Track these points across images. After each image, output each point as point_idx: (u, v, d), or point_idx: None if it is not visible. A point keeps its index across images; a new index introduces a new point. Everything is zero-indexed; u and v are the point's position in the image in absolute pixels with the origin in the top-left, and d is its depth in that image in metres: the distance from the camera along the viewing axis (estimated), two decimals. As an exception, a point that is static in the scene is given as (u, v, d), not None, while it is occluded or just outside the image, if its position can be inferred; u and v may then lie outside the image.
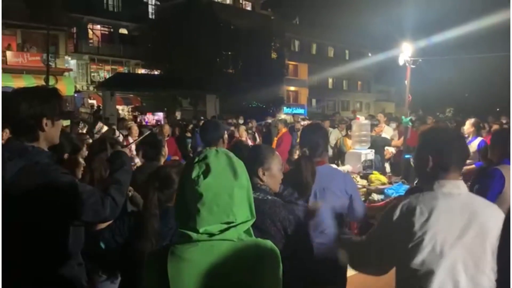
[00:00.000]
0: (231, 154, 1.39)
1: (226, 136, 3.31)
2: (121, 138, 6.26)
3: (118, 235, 2.20)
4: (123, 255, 2.22)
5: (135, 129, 7.71)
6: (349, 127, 8.50)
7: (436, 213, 1.64)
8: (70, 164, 2.54)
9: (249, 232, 1.36)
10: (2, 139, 4.79)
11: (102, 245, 2.24)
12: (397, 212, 1.71)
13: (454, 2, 32.58)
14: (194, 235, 1.29)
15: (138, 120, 21.39)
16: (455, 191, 1.70)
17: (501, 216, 1.59)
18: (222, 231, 1.29)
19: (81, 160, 2.65)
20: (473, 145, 6.29)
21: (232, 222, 1.30)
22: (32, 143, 1.83)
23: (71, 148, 2.58)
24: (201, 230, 1.28)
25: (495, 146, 3.38)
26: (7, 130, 4.06)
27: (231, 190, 1.31)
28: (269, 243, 1.38)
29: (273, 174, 2.31)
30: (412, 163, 2.18)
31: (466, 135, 6.56)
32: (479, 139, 6.34)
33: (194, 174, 1.30)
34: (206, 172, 1.29)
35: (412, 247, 1.63)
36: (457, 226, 1.63)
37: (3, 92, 1.91)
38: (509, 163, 3.20)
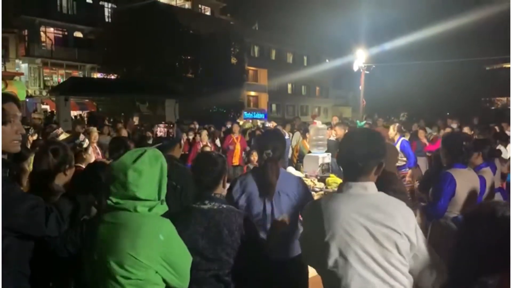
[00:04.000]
0: (150, 152, 1.90)
1: (182, 142, 3.44)
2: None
3: (70, 244, 2.14)
4: (76, 264, 2.17)
5: (94, 135, 7.41)
6: (306, 131, 8.74)
7: (338, 213, 1.76)
8: (16, 171, 2.45)
9: (152, 209, 1.84)
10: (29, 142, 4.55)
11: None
12: (309, 212, 1.94)
13: (405, 11, 34.00)
14: (109, 202, 1.83)
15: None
16: (361, 192, 1.80)
17: (408, 212, 1.79)
18: (125, 202, 1.80)
19: (27, 167, 2.54)
20: (397, 146, 6.94)
21: (134, 197, 1.80)
22: None
23: (15, 155, 2.46)
24: (113, 200, 1.82)
25: (445, 150, 3.53)
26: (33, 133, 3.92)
27: (126, 171, 1.80)
28: (162, 222, 1.85)
29: (226, 184, 2.51)
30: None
31: (391, 138, 7.22)
32: (401, 139, 7.08)
33: (122, 160, 1.86)
34: (117, 159, 1.87)
35: (321, 243, 1.76)
36: (363, 225, 1.73)
37: None
38: (459, 167, 3.38)
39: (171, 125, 3.04)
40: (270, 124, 13.71)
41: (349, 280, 1.72)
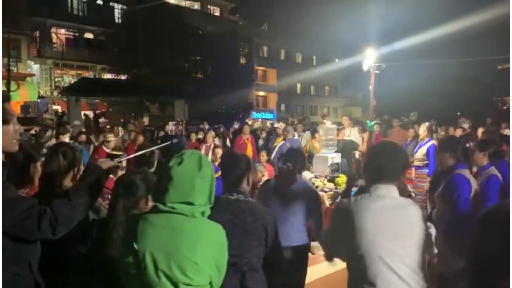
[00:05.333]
0: (202, 155, 1.86)
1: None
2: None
3: (80, 244, 2.16)
4: (87, 263, 2.20)
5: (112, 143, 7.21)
6: (314, 131, 8.71)
7: (366, 211, 2.03)
8: (24, 173, 2.45)
9: (204, 214, 1.81)
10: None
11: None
12: (339, 211, 2.18)
13: (416, 11, 33.74)
14: (161, 206, 1.75)
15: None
16: (386, 193, 2.08)
17: (419, 212, 2.10)
18: (181, 207, 1.75)
19: (39, 168, 2.56)
20: (424, 148, 6.70)
21: (191, 203, 1.76)
22: None
23: (24, 156, 2.47)
24: (167, 204, 1.75)
25: (448, 153, 3.46)
26: (67, 135, 3.97)
27: (193, 178, 1.77)
28: (214, 226, 1.84)
29: (250, 182, 2.71)
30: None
31: (420, 138, 6.99)
32: (430, 142, 6.74)
33: (170, 163, 1.79)
34: (179, 163, 1.78)
35: (351, 239, 2.03)
36: (387, 223, 2.02)
37: None
38: (463, 167, 3.34)
39: (180, 123, 3.10)
40: (279, 125, 13.68)
41: (374, 272, 1.97)
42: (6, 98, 1.91)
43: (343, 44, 39.82)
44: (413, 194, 4.83)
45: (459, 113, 21.11)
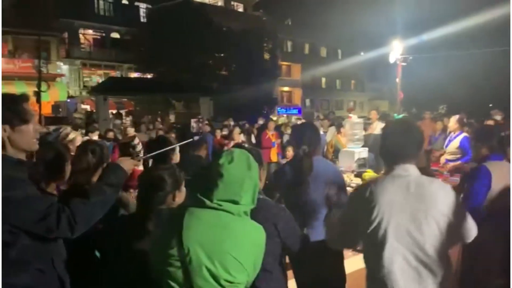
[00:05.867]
0: (248, 154, 1.86)
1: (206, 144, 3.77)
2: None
3: (108, 238, 2.20)
4: (116, 259, 2.23)
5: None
6: (340, 126, 8.60)
7: (384, 192, 1.96)
8: (54, 170, 2.50)
9: (247, 213, 1.82)
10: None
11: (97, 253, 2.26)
12: (357, 194, 2.11)
13: (444, 0, 32.79)
14: (208, 202, 1.74)
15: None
16: (402, 173, 1.99)
17: (449, 191, 1.97)
18: (228, 205, 1.74)
19: (68, 165, 2.61)
20: (457, 141, 6.45)
21: (237, 202, 1.75)
22: None
23: (55, 154, 2.52)
24: (214, 200, 1.74)
25: (480, 142, 3.36)
26: (96, 133, 4.10)
27: (243, 178, 1.77)
28: (258, 227, 1.82)
29: (263, 178, 2.57)
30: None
31: (451, 131, 6.73)
32: (462, 135, 6.50)
33: (221, 161, 1.78)
34: (230, 161, 1.77)
35: (368, 221, 1.95)
36: (402, 202, 1.92)
37: None
38: (495, 159, 3.21)
39: (201, 120, 3.11)
40: (300, 122, 13.56)
41: (389, 255, 1.90)
42: (26, 98, 1.95)
43: (369, 37, 39.13)
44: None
45: (491, 105, 20.44)
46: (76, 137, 4.03)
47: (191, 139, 3.04)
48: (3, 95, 1.97)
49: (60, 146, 2.79)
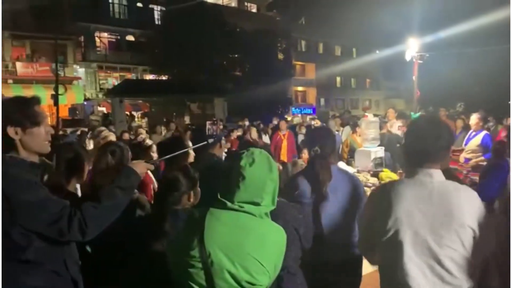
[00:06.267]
0: (269, 155, 1.84)
1: (222, 141, 3.81)
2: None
3: (125, 240, 2.21)
4: (133, 259, 2.24)
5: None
6: (355, 125, 8.48)
7: (403, 199, 1.78)
8: (73, 171, 2.55)
9: (268, 215, 1.80)
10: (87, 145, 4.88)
11: (88, 248, 2.26)
12: (374, 199, 1.96)
13: (461, -4, 32.25)
14: (229, 203, 1.73)
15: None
16: (426, 179, 1.80)
17: (477, 201, 1.78)
18: (249, 207, 1.73)
19: (86, 166, 2.65)
20: (478, 139, 6.34)
21: (258, 203, 1.74)
22: (10, 153, 1.84)
23: (74, 155, 2.56)
24: (235, 202, 1.73)
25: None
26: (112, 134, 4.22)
27: (265, 180, 1.76)
28: (278, 228, 1.79)
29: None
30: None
31: (472, 129, 6.62)
32: (483, 133, 6.40)
33: (242, 162, 1.75)
34: (251, 163, 1.75)
35: (384, 229, 1.80)
36: (422, 211, 1.75)
37: None
38: None
39: (215, 122, 3.11)
40: (314, 122, 13.44)
41: (404, 267, 1.75)
42: (38, 101, 1.95)
43: (383, 34, 38.72)
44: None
45: (510, 102, 20.03)
46: (109, 136, 4.13)
47: (205, 142, 3.03)
48: (14, 97, 1.99)
49: (78, 146, 2.82)
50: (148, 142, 4.82)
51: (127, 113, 23.71)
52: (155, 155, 4.11)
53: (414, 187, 1.80)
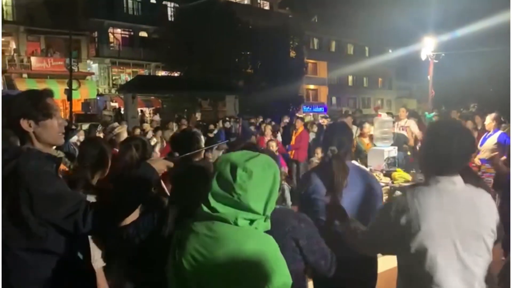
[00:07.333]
0: (264, 156, 1.60)
1: None
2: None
3: (143, 231, 2.20)
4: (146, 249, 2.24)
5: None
6: (361, 124, 8.35)
7: (428, 208, 1.71)
8: (98, 164, 2.59)
9: (253, 224, 1.49)
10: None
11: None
12: (393, 207, 1.80)
13: (477, -5, 31.77)
14: (204, 209, 1.51)
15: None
16: (450, 187, 1.74)
17: (492, 200, 1.79)
18: (223, 212, 1.48)
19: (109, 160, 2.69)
20: (493, 138, 6.29)
21: (236, 203, 1.47)
22: (26, 144, 1.87)
23: (100, 151, 2.61)
24: (211, 205, 1.49)
25: None
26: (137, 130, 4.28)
27: (235, 168, 1.49)
28: (269, 241, 1.51)
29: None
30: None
31: (487, 129, 6.57)
32: (499, 132, 6.37)
33: (219, 158, 1.58)
34: (227, 156, 1.57)
35: (408, 238, 1.72)
36: (449, 220, 1.70)
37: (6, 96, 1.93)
38: None
39: (237, 120, 3.07)
40: (321, 121, 13.31)
41: (433, 273, 1.70)
42: (50, 93, 1.97)
43: (397, 33, 38.36)
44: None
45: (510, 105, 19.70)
46: (123, 132, 4.18)
47: (227, 140, 3.03)
48: (27, 91, 2.02)
49: (102, 141, 2.86)
50: (154, 140, 4.85)
51: (139, 109, 23.85)
52: (157, 155, 4.13)
53: (439, 196, 1.73)
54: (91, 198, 2.20)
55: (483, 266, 1.72)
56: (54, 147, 2.04)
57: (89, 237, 2.14)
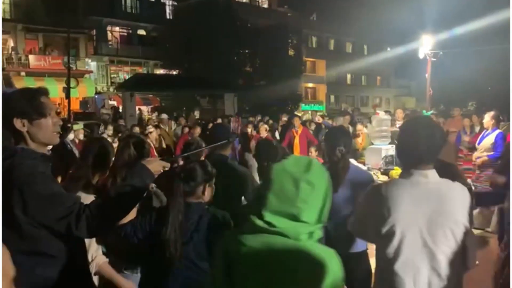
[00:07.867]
0: (316, 161, 1.50)
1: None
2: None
3: (140, 230, 2.23)
4: (146, 248, 2.27)
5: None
6: (355, 124, 8.36)
7: (399, 198, 1.84)
8: (98, 162, 2.59)
9: (313, 236, 1.40)
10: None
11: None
12: (370, 197, 1.98)
13: (476, -7, 31.77)
14: (257, 221, 1.38)
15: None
16: (422, 180, 1.86)
17: (466, 197, 1.88)
18: (281, 227, 1.37)
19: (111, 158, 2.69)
20: (491, 137, 6.30)
21: (295, 216, 1.37)
22: (20, 144, 1.83)
23: (99, 148, 2.61)
24: (266, 219, 1.37)
25: None
26: (186, 129, 4.22)
27: (298, 181, 1.37)
28: (330, 256, 1.40)
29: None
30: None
31: (486, 127, 6.59)
32: (497, 131, 6.37)
33: (274, 165, 1.46)
34: (281, 162, 1.46)
35: (380, 223, 1.86)
36: (419, 212, 1.82)
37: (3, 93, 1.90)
38: None
39: (236, 119, 3.08)
40: (317, 119, 13.30)
41: (402, 265, 1.83)
42: (45, 92, 1.93)
43: (395, 32, 38.38)
44: (472, 188, 4.43)
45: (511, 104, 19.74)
46: (154, 132, 4.14)
47: (226, 141, 3.02)
48: (21, 89, 1.99)
49: (106, 141, 2.84)
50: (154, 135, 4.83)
51: (138, 107, 23.81)
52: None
53: (411, 188, 1.86)
54: (91, 198, 2.21)
55: (449, 255, 1.82)
56: (49, 146, 2.03)
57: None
